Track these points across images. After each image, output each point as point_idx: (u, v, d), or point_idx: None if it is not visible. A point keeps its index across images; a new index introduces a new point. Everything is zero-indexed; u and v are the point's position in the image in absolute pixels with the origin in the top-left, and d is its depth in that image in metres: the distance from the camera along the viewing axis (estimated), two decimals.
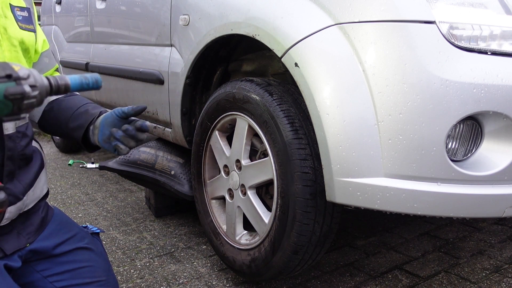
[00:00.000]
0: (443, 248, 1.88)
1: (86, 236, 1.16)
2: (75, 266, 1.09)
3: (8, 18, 0.98)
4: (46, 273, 1.07)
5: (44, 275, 1.07)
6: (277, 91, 1.33)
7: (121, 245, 1.92)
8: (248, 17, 1.36)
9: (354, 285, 1.59)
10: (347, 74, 1.11)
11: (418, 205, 1.08)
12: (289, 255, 1.31)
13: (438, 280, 1.62)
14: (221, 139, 1.58)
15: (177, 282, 1.62)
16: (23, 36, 1.00)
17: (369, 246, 1.90)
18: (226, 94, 1.47)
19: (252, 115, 1.37)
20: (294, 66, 1.18)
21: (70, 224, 1.16)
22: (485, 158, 1.11)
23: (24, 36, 1.01)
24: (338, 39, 1.14)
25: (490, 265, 1.73)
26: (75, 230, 1.14)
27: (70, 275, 1.08)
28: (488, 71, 1.05)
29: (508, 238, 1.98)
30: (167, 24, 1.85)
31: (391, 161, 1.08)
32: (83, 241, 1.14)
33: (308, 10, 1.21)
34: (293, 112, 1.27)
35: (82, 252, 1.13)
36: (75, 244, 1.11)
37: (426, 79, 1.04)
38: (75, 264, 1.10)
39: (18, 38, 0.98)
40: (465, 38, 1.08)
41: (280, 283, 1.59)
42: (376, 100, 1.08)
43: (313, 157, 1.23)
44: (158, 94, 1.94)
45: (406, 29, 1.08)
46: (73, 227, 1.15)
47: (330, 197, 1.17)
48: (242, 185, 1.47)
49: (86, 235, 1.16)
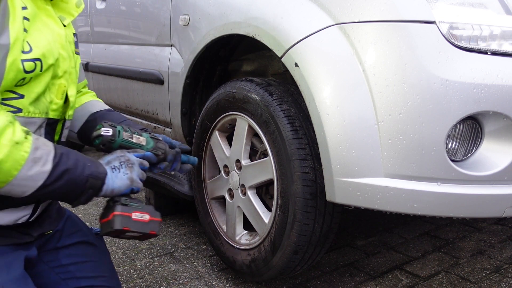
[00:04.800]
0: (443, 248, 1.88)
1: (91, 233, 1.22)
2: (80, 260, 1.14)
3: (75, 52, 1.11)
4: (52, 264, 1.11)
5: (50, 266, 1.11)
6: (277, 91, 1.33)
7: (121, 245, 1.92)
8: (248, 17, 1.36)
9: (354, 285, 1.59)
10: (347, 74, 1.11)
11: (418, 205, 1.08)
12: (289, 255, 1.31)
13: (438, 280, 1.62)
14: (221, 139, 1.58)
15: (177, 282, 1.62)
16: (77, 61, 1.13)
17: (369, 246, 1.90)
18: (226, 94, 1.47)
19: (252, 115, 1.37)
20: (294, 66, 1.18)
21: (77, 219, 1.23)
22: (485, 158, 1.12)
23: (78, 60, 1.13)
24: (338, 39, 1.14)
25: (490, 265, 1.73)
26: (81, 225, 1.21)
27: (75, 268, 1.12)
28: (488, 71, 1.05)
29: (508, 238, 1.98)
30: (167, 24, 1.85)
31: (391, 161, 1.08)
32: (88, 236, 1.20)
33: (308, 10, 1.21)
34: (293, 112, 1.27)
35: (87, 247, 1.18)
36: (80, 238, 1.17)
37: (426, 79, 1.04)
38: (80, 257, 1.14)
39: (78, 65, 1.13)
40: (465, 38, 1.08)
41: (280, 283, 1.59)
42: (376, 100, 1.08)
43: (313, 157, 1.23)
44: (158, 94, 1.94)
45: (406, 29, 1.08)
46: (79, 222, 1.22)
47: (330, 197, 1.17)
48: (242, 185, 1.47)
49: (91, 232, 1.22)
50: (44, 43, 0.93)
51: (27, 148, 0.85)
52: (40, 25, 0.95)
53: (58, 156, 0.91)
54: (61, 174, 0.90)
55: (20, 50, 0.86)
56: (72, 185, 0.93)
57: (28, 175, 0.85)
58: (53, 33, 0.98)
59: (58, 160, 0.90)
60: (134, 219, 1.03)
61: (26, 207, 1.00)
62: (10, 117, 0.84)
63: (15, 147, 0.83)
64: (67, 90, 1.04)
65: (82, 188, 0.95)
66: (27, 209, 1.00)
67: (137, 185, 1.06)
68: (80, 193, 0.96)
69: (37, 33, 0.93)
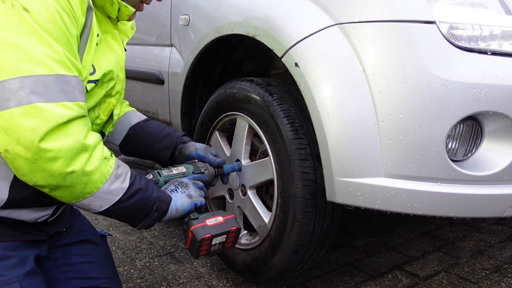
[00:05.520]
0: (443, 248, 1.88)
1: (96, 233, 1.27)
2: (85, 260, 1.17)
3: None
4: (58, 262, 1.14)
5: (56, 264, 1.14)
6: (277, 91, 1.33)
7: (121, 245, 1.92)
8: (248, 17, 1.36)
9: (354, 285, 1.59)
10: (347, 74, 1.11)
11: (418, 205, 1.09)
12: (289, 255, 1.31)
13: (438, 280, 1.62)
14: (221, 139, 1.58)
15: (177, 282, 1.62)
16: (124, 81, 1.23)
17: (369, 246, 1.90)
18: (226, 94, 1.47)
19: (252, 115, 1.37)
20: (294, 66, 1.18)
21: (85, 219, 1.28)
22: (485, 158, 1.12)
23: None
24: (338, 39, 1.14)
25: (490, 265, 1.73)
26: (88, 225, 1.26)
27: (80, 267, 1.16)
28: (488, 71, 1.05)
29: (508, 238, 1.98)
30: (167, 24, 1.85)
31: (391, 161, 1.08)
32: (94, 236, 1.24)
33: (308, 10, 1.21)
34: (293, 112, 1.27)
35: (93, 246, 1.22)
36: (87, 237, 1.22)
37: (426, 79, 1.04)
38: (85, 257, 1.18)
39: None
40: (465, 38, 1.08)
41: (280, 283, 1.59)
42: (376, 100, 1.09)
43: (313, 157, 1.23)
44: (158, 94, 1.94)
45: (406, 29, 1.08)
46: (86, 222, 1.27)
47: (330, 197, 1.17)
48: (242, 185, 1.47)
49: (96, 232, 1.27)
50: (107, 65, 1.03)
51: (112, 164, 0.96)
52: (105, 48, 1.04)
53: (133, 175, 1.02)
54: (135, 192, 1.00)
55: (88, 73, 0.96)
56: (142, 204, 1.02)
57: (110, 189, 0.95)
58: (116, 56, 1.08)
59: (134, 180, 1.01)
60: (211, 225, 1.12)
61: (50, 208, 1.05)
62: (100, 136, 0.96)
63: (103, 162, 0.93)
64: (114, 109, 1.13)
65: (150, 209, 1.04)
66: (49, 209, 1.05)
67: (198, 199, 1.16)
68: (147, 214, 1.04)
69: (102, 56, 1.02)
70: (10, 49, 0.79)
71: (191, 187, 1.16)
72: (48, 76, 0.82)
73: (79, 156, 0.87)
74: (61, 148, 0.83)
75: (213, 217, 1.14)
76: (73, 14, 0.88)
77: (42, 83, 0.81)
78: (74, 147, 0.85)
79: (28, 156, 0.81)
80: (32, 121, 0.80)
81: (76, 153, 0.86)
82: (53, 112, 0.82)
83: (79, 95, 0.88)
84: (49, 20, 0.82)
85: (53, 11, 0.83)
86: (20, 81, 0.79)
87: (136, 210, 1.02)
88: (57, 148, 0.83)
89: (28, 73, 0.80)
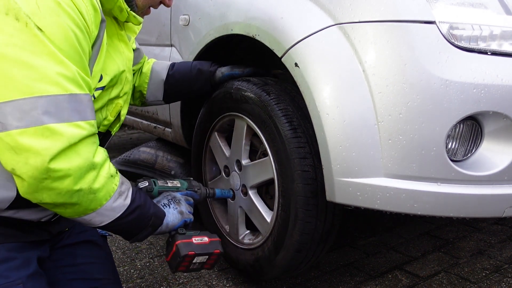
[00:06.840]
0: (443, 248, 1.88)
1: (97, 234, 1.27)
2: (86, 261, 1.17)
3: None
4: (59, 263, 1.15)
5: (57, 265, 1.14)
6: (274, 90, 1.33)
7: (121, 245, 1.92)
8: (248, 17, 1.36)
9: (354, 285, 1.59)
10: (347, 74, 1.11)
11: (418, 205, 1.08)
12: (292, 253, 1.31)
13: (438, 280, 1.62)
14: (221, 140, 1.58)
15: (177, 282, 1.62)
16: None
17: (369, 246, 1.90)
18: (223, 94, 1.47)
19: (250, 115, 1.37)
20: (294, 66, 1.18)
21: None
22: (485, 158, 1.12)
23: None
24: (338, 39, 1.14)
25: (490, 265, 1.73)
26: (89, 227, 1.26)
27: (81, 268, 1.16)
28: (488, 71, 1.05)
29: (508, 238, 1.98)
30: (167, 24, 1.85)
31: (391, 161, 1.08)
32: (95, 236, 1.24)
33: (308, 10, 1.21)
34: (291, 111, 1.27)
35: (94, 247, 1.22)
36: (88, 237, 1.22)
37: (426, 79, 1.04)
38: (86, 258, 1.18)
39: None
40: (465, 38, 1.08)
41: (280, 283, 1.59)
42: (376, 100, 1.08)
43: (313, 155, 1.23)
44: None
45: (406, 29, 1.08)
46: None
47: (330, 197, 1.17)
48: (243, 185, 1.47)
49: (97, 233, 1.27)
50: (113, 69, 1.03)
51: (117, 182, 0.96)
52: (112, 51, 1.04)
53: (134, 192, 1.02)
54: (135, 209, 1.01)
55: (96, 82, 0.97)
56: (139, 220, 1.03)
57: (113, 206, 0.95)
58: (123, 57, 1.08)
59: (135, 196, 1.02)
60: (196, 243, 1.14)
61: None
62: (106, 153, 0.96)
63: (110, 180, 0.94)
64: (121, 110, 1.14)
65: (145, 224, 1.05)
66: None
67: (188, 216, 1.18)
68: (142, 228, 1.05)
69: (109, 60, 1.02)
70: (23, 68, 0.79)
71: (183, 204, 1.19)
72: (61, 96, 0.82)
73: (88, 174, 0.87)
74: (70, 167, 0.83)
75: (199, 236, 1.17)
76: (87, 30, 0.88)
77: (54, 103, 0.81)
78: (84, 166, 0.86)
79: (36, 176, 0.81)
80: (43, 142, 0.79)
81: (85, 172, 0.87)
82: (65, 132, 0.82)
83: (90, 113, 0.88)
84: (63, 38, 0.82)
85: (67, 29, 0.83)
86: (33, 101, 0.79)
87: (133, 225, 1.03)
88: (67, 168, 0.83)
89: (41, 93, 0.79)
